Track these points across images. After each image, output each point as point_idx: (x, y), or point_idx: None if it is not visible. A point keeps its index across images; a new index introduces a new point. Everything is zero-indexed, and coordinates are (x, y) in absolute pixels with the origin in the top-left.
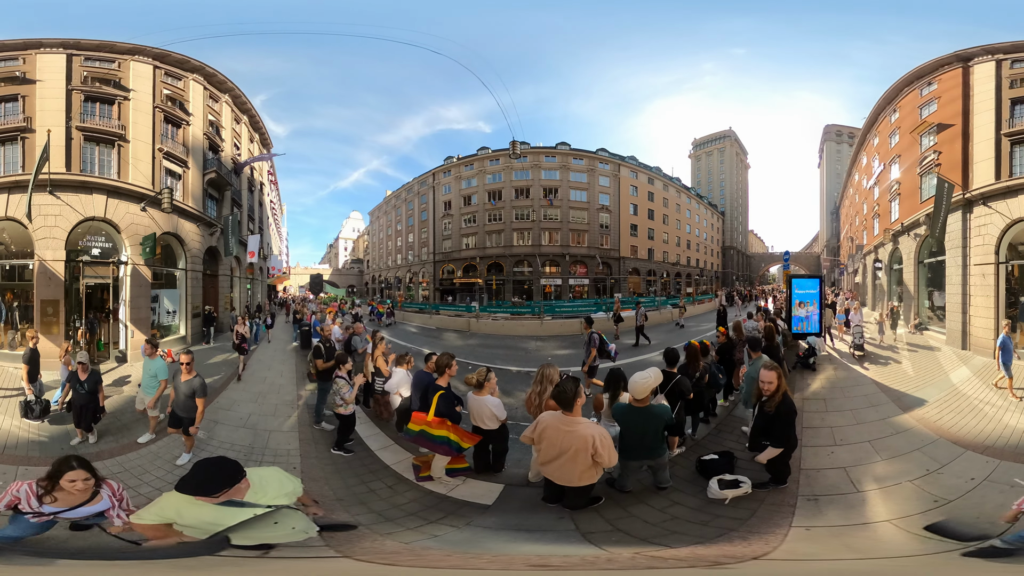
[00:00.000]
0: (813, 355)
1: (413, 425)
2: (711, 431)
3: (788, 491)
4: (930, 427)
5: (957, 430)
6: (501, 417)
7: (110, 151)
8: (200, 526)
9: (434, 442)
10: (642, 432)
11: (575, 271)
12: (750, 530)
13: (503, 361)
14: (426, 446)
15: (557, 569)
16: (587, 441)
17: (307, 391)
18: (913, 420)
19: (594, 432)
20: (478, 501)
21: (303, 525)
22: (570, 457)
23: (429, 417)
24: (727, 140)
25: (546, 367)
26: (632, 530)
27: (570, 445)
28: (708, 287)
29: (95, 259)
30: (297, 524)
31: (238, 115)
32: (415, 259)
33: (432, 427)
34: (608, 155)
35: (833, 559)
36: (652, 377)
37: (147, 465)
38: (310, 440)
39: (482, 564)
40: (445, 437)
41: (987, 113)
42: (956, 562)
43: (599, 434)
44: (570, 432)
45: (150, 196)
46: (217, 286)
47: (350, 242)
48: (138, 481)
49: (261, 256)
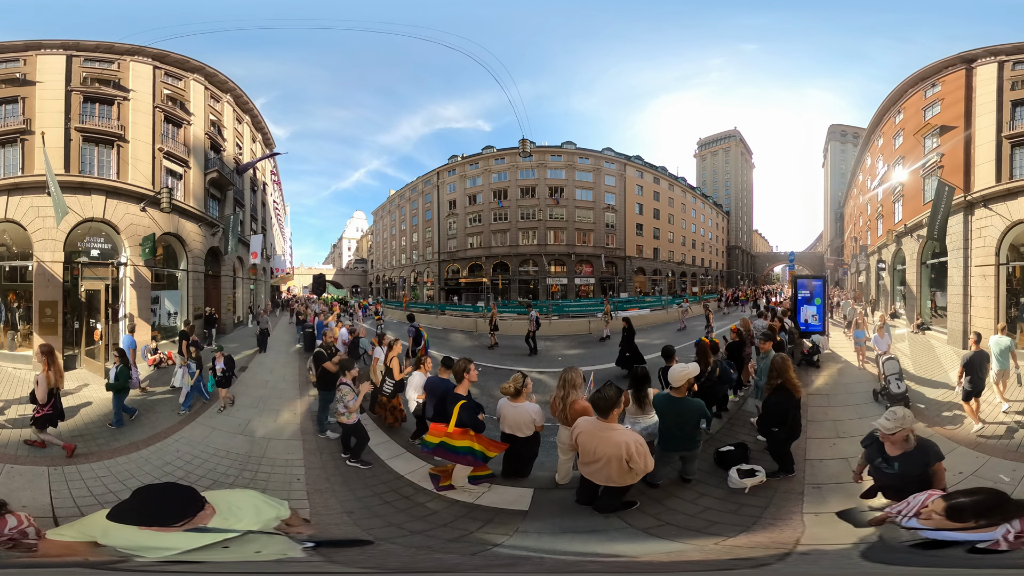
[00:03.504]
0: (817, 353)
1: (431, 437)
2: (724, 425)
3: (796, 479)
4: (927, 422)
5: (952, 427)
6: (541, 423)
7: (109, 151)
8: (138, 549)
9: (457, 453)
10: (678, 422)
11: (581, 270)
12: (774, 516)
13: (512, 363)
14: (447, 458)
15: (642, 572)
16: (620, 448)
17: (311, 396)
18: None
19: (629, 439)
20: (513, 507)
21: (279, 548)
22: (605, 463)
23: (449, 428)
24: (732, 140)
25: (568, 371)
26: (678, 522)
27: (605, 452)
28: (713, 286)
29: (94, 260)
30: (269, 548)
31: (240, 115)
32: (419, 259)
33: (453, 438)
34: (614, 154)
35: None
36: (690, 368)
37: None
38: (314, 450)
39: (554, 569)
40: (468, 448)
41: (989, 115)
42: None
43: (635, 441)
44: (605, 438)
45: (149, 196)
46: (219, 287)
47: (354, 242)
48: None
49: (264, 256)
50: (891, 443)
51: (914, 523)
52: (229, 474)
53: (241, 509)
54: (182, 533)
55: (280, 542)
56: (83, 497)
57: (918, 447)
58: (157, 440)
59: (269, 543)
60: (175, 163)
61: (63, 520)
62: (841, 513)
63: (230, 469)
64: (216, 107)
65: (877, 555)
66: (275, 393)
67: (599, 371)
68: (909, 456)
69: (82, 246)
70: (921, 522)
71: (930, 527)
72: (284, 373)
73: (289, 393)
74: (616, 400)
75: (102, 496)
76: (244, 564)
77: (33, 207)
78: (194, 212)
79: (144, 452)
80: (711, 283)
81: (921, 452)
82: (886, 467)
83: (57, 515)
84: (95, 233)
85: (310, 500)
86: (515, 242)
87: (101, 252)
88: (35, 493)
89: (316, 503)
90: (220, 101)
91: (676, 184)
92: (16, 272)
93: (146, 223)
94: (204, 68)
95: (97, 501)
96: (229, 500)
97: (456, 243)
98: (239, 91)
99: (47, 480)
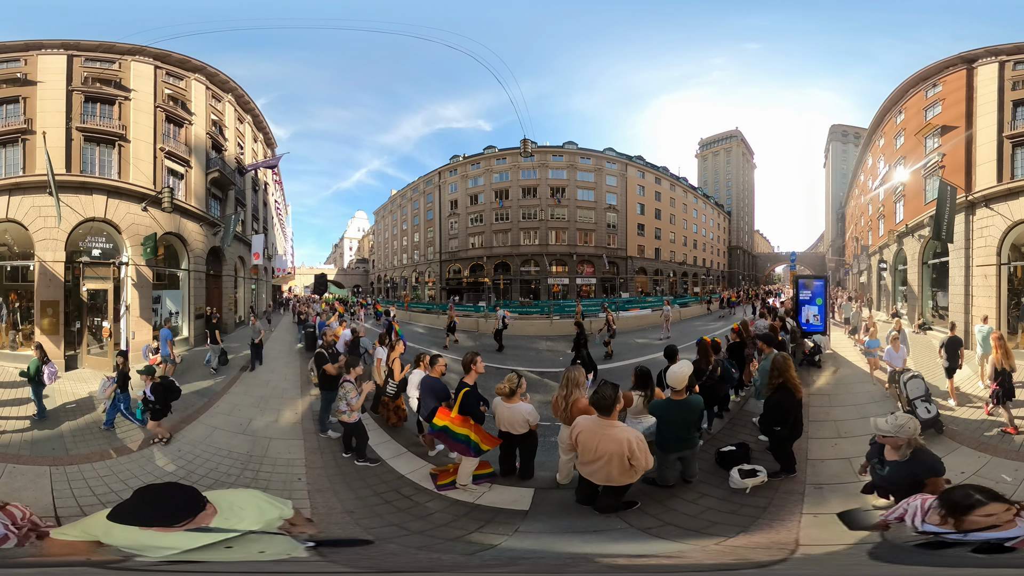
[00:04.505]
0: (819, 353)
1: (438, 420)
2: (725, 425)
3: (797, 480)
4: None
5: (954, 426)
6: (535, 422)
7: (110, 151)
8: (140, 548)
9: (455, 440)
10: (682, 424)
11: (582, 270)
12: (772, 517)
13: (513, 362)
14: (446, 443)
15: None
16: (622, 445)
17: (312, 396)
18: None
19: (630, 436)
20: (513, 507)
21: (282, 548)
22: (606, 461)
23: (453, 414)
24: (734, 140)
25: (571, 370)
26: (678, 523)
27: (606, 449)
28: (714, 287)
29: (96, 260)
30: (272, 548)
31: (241, 115)
32: (421, 259)
33: (455, 424)
34: (615, 155)
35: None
36: (687, 368)
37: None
38: (316, 449)
39: (551, 569)
40: (466, 436)
41: (990, 115)
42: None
43: (635, 438)
44: (606, 436)
45: (151, 196)
46: (221, 287)
47: (355, 242)
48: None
49: (266, 256)
50: (890, 447)
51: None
52: (231, 474)
53: (243, 509)
54: (183, 533)
55: (283, 542)
56: (85, 497)
57: (912, 460)
58: (159, 439)
59: (272, 543)
60: (176, 163)
61: (65, 520)
62: (842, 514)
63: (232, 468)
64: (217, 107)
65: (880, 555)
66: (276, 392)
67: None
68: (900, 465)
69: (83, 246)
70: (923, 523)
71: (932, 527)
72: (285, 372)
73: (290, 393)
74: (616, 397)
75: (104, 496)
76: (245, 564)
77: (35, 207)
78: (195, 212)
79: (145, 452)
80: (713, 283)
81: (913, 465)
82: (879, 468)
83: (59, 515)
84: (96, 233)
85: (311, 499)
86: (516, 242)
87: (102, 252)
88: (37, 493)
89: (317, 502)
90: (221, 101)
91: (677, 184)
92: (17, 272)
93: (147, 223)
94: (205, 68)
95: (99, 501)
96: (231, 500)
97: (457, 243)
98: (240, 91)
99: (48, 480)
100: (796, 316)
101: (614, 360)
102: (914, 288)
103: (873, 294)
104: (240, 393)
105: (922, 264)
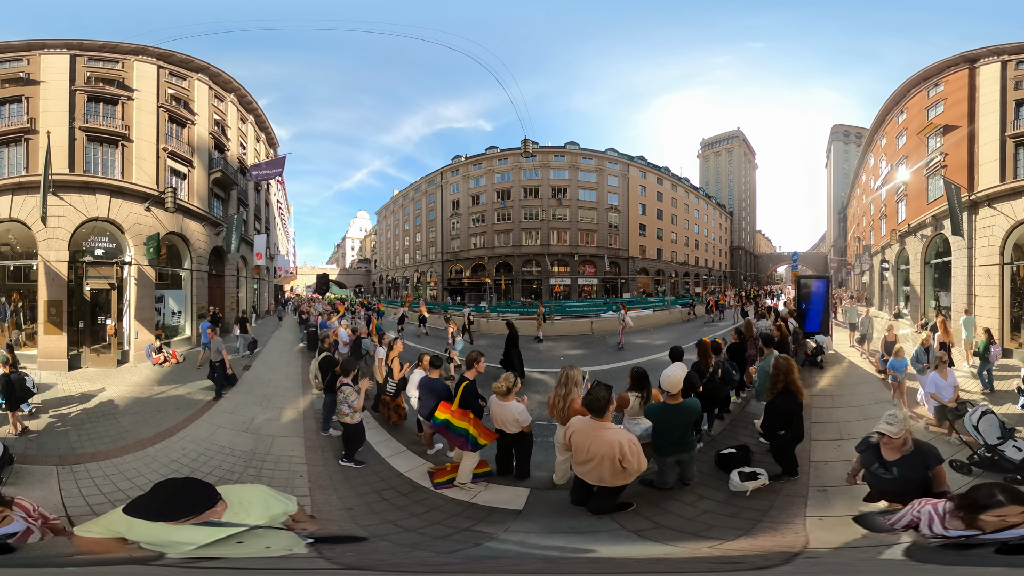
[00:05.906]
0: (821, 353)
1: (439, 413)
2: (726, 427)
3: (800, 482)
4: (931, 422)
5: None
6: (524, 423)
7: (113, 151)
8: (160, 544)
9: (454, 433)
10: (679, 427)
11: (584, 271)
12: (774, 520)
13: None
14: (446, 436)
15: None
16: (613, 447)
17: (314, 394)
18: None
19: (622, 438)
20: (507, 507)
21: (286, 543)
22: (598, 462)
23: (453, 407)
24: (735, 140)
25: (568, 369)
26: (673, 525)
27: (598, 451)
28: (716, 287)
29: (99, 259)
30: (277, 543)
31: (244, 115)
32: (423, 259)
33: (455, 418)
34: (617, 155)
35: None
36: (680, 371)
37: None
38: (317, 447)
39: (535, 569)
40: (465, 430)
41: (992, 115)
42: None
43: (627, 440)
44: (598, 437)
45: (154, 196)
46: (223, 286)
47: (357, 242)
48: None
49: (268, 256)
50: (889, 448)
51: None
52: (234, 471)
53: (251, 504)
54: (199, 527)
55: (287, 537)
56: (93, 495)
57: (916, 451)
58: (163, 438)
59: (276, 538)
60: (179, 163)
61: (76, 519)
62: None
63: (235, 466)
64: (220, 107)
65: (914, 555)
66: (278, 391)
67: (595, 371)
68: (907, 460)
69: (86, 245)
70: (946, 528)
71: (958, 532)
72: (287, 371)
73: (292, 391)
74: (609, 399)
75: (112, 494)
76: (250, 560)
77: (38, 206)
78: (198, 211)
79: (151, 450)
80: (715, 283)
81: (920, 455)
82: (884, 473)
83: (70, 513)
84: (99, 232)
85: (312, 496)
86: (518, 242)
87: (105, 251)
88: (45, 492)
89: (318, 499)
90: (224, 101)
91: (679, 184)
92: (20, 271)
93: (150, 222)
94: (208, 68)
95: (107, 499)
96: (240, 495)
97: (459, 243)
98: (243, 91)
99: (56, 479)
100: (799, 316)
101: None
102: (916, 288)
103: (875, 294)
104: (241, 392)
105: (924, 264)
